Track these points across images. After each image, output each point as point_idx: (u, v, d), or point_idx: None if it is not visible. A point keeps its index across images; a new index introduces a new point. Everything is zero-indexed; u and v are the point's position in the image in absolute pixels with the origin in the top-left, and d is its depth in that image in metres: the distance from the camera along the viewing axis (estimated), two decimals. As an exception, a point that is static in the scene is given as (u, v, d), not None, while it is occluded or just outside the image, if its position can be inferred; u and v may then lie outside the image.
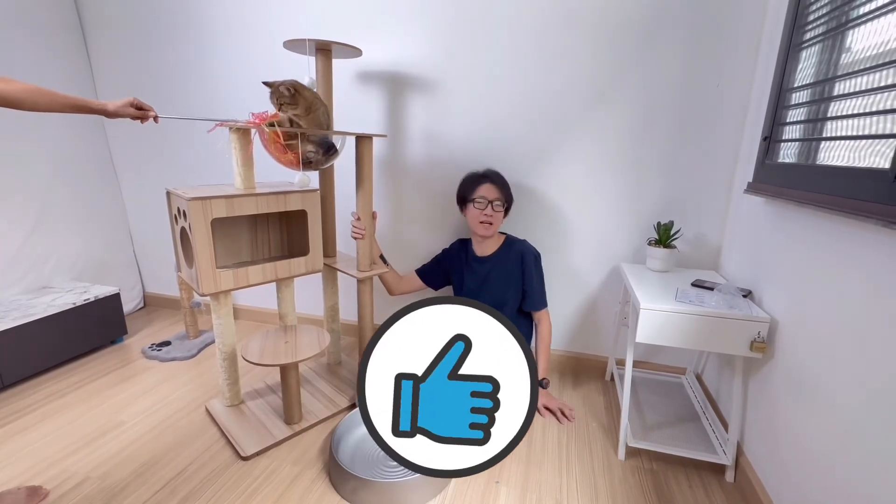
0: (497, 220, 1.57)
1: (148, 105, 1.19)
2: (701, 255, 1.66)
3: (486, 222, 1.56)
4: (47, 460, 1.31)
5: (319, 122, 1.38)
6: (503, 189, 1.59)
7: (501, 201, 1.57)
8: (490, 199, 1.55)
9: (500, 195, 1.57)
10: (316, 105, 1.37)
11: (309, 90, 1.35)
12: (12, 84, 0.98)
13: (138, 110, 1.16)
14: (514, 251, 1.64)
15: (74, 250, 2.12)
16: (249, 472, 1.28)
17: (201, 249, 1.27)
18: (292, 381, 1.42)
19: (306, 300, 2.08)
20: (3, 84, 0.97)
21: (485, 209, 1.55)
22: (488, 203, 1.55)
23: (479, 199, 1.56)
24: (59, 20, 1.99)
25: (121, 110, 1.13)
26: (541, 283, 1.66)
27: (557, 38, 1.58)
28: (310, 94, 1.35)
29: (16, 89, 0.98)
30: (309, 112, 1.35)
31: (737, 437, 1.31)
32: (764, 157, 1.28)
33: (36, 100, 1.01)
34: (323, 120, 1.39)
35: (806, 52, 1.14)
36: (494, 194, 1.56)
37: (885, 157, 0.82)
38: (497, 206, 1.55)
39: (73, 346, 1.87)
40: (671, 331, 1.24)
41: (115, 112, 1.13)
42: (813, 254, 1.06)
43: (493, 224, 1.57)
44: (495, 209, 1.55)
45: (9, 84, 0.98)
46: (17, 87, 0.98)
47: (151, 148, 2.19)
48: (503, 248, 1.66)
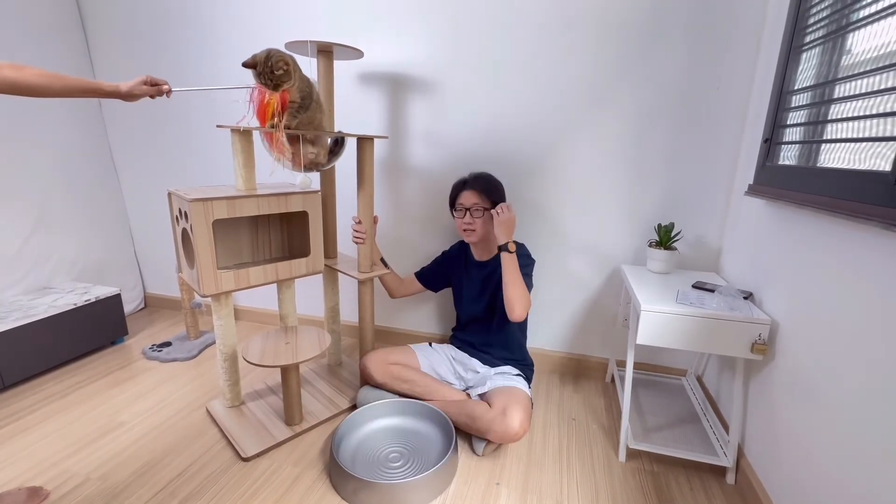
0: (479, 225, 1.52)
1: (161, 79, 1.13)
2: (701, 256, 1.67)
3: (467, 230, 1.54)
4: (48, 461, 1.31)
5: (319, 111, 1.35)
6: (484, 193, 1.53)
7: (480, 207, 1.51)
8: (466, 206, 1.52)
9: (479, 200, 1.51)
10: (308, 89, 1.31)
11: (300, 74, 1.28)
12: (24, 70, 0.94)
13: (152, 87, 1.11)
14: None
15: (75, 251, 2.12)
16: (250, 474, 1.28)
17: (202, 250, 1.27)
18: (293, 382, 1.42)
19: (307, 301, 2.08)
20: (15, 71, 0.93)
21: (463, 217, 1.53)
22: (465, 210, 1.52)
23: (458, 208, 1.55)
24: (61, 20, 2.00)
25: (135, 89, 1.09)
26: (528, 274, 1.49)
27: (558, 39, 1.59)
28: (302, 77, 1.28)
29: (28, 75, 0.94)
30: (304, 96, 1.29)
31: (737, 439, 1.31)
32: (764, 160, 1.28)
33: (49, 84, 0.97)
34: (318, 114, 1.36)
35: (806, 54, 1.15)
36: (472, 200, 1.51)
37: (886, 160, 0.82)
38: (475, 212, 1.51)
39: (74, 346, 1.88)
40: (672, 332, 1.24)
41: (128, 92, 1.08)
42: (813, 256, 1.06)
43: (475, 230, 1.53)
44: (474, 216, 1.51)
45: (21, 71, 0.94)
46: (30, 72, 0.94)
47: (152, 148, 2.20)
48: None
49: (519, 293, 1.40)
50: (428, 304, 2.04)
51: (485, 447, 1.38)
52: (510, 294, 1.40)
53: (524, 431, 1.31)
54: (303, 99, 1.29)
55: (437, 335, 2.06)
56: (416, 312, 2.07)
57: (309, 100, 1.31)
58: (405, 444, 1.38)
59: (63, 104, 2.00)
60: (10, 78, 0.93)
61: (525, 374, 1.56)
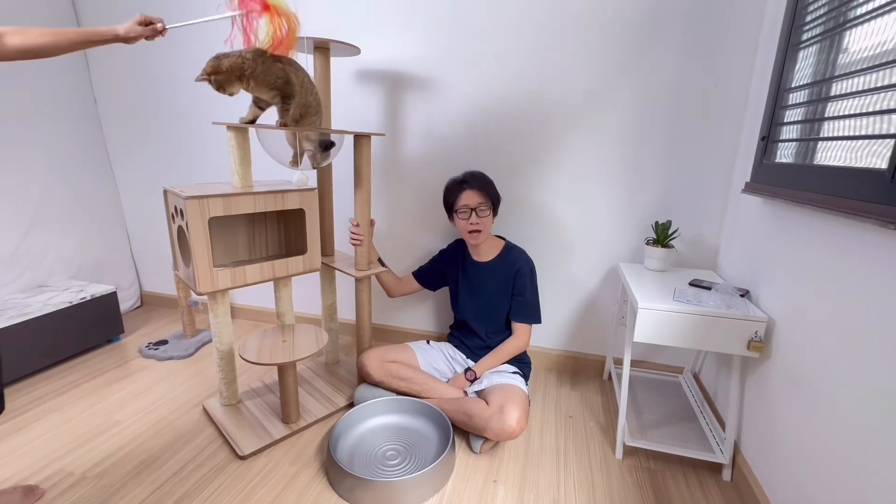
0: (485, 224, 1.50)
1: (156, 17, 1.09)
2: (699, 254, 1.67)
3: (474, 231, 1.51)
4: (43, 460, 1.30)
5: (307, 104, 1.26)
6: (485, 190, 1.50)
7: (486, 205, 1.49)
8: (472, 206, 1.48)
9: (483, 198, 1.49)
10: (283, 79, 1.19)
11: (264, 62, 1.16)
12: (28, 33, 0.89)
13: (146, 26, 1.07)
14: (511, 261, 1.58)
15: (71, 249, 2.11)
16: (247, 472, 1.28)
17: (198, 248, 1.26)
18: (290, 381, 1.42)
19: (304, 299, 2.08)
20: (20, 36, 0.88)
21: (469, 218, 1.50)
22: (471, 211, 1.49)
23: (461, 210, 1.50)
24: (56, 17, 1.98)
25: (132, 31, 1.06)
26: (535, 296, 1.58)
27: (556, 38, 1.58)
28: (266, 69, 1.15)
29: (35, 36, 0.90)
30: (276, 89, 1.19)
31: (734, 436, 1.31)
32: (762, 157, 1.28)
33: (56, 42, 0.93)
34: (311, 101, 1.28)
35: (804, 52, 1.15)
36: (476, 200, 1.48)
37: (882, 158, 0.82)
38: (482, 211, 1.48)
39: (70, 345, 1.87)
40: (669, 330, 1.24)
41: (125, 35, 1.05)
42: (810, 254, 1.06)
43: (481, 231, 1.51)
44: (480, 215, 1.48)
45: (25, 34, 0.89)
46: (34, 33, 0.90)
47: (148, 146, 2.18)
48: (501, 256, 1.60)
49: (513, 351, 1.57)
50: (426, 302, 2.04)
51: (482, 445, 1.38)
52: (507, 355, 1.56)
53: (521, 429, 1.31)
54: (281, 89, 1.20)
55: (435, 333, 2.06)
56: (413, 310, 2.07)
57: (290, 87, 1.22)
58: (402, 441, 1.38)
59: (59, 103, 1.99)
60: (19, 44, 0.89)
61: (522, 372, 1.56)
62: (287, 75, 1.20)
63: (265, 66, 1.16)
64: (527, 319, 1.57)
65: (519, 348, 1.57)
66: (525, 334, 1.58)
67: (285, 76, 1.20)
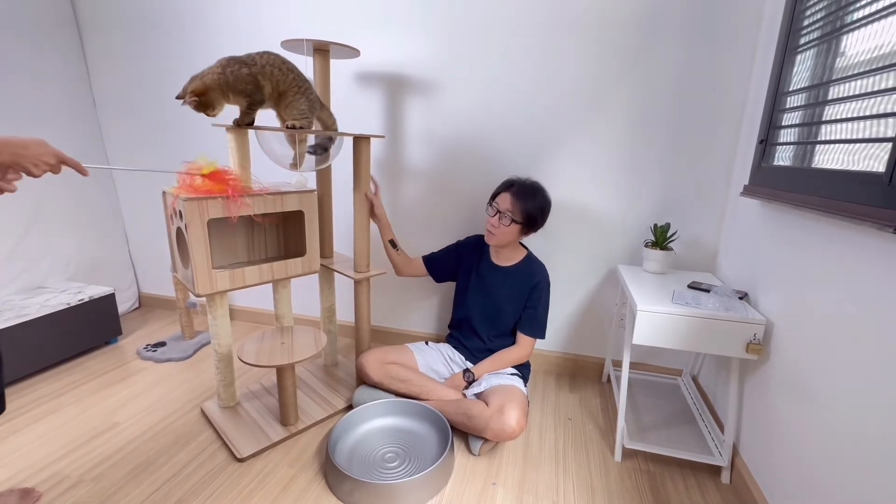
0: (502, 232, 1.48)
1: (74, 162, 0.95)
2: (697, 257, 1.67)
3: (490, 231, 1.51)
4: (41, 462, 1.30)
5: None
6: (521, 202, 1.45)
7: (513, 216, 1.46)
8: (499, 208, 1.48)
9: (514, 208, 1.45)
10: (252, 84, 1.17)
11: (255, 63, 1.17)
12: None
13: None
14: (530, 273, 1.57)
15: (69, 250, 2.11)
16: (245, 474, 1.27)
17: (197, 250, 1.26)
18: (288, 383, 1.42)
19: (303, 301, 2.08)
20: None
21: (492, 217, 1.50)
22: (497, 212, 1.49)
23: (492, 205, 1.51)
24: (55, 19, 1.98)
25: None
26: (545, 312, 1.58)
27: (556, 39, 1.59)
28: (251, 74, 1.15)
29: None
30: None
31: (732, 439, 1.31)
32: (760, 161, 1.29)
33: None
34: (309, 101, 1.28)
35: (801, 56, 1.15)
36: (507, 205, 1.46)
37: (880, 161, 0.83)
38: (504, 218, 1.46)
39: (68, 346, 1.86)
40: (667, 332, 1.24)
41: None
42: (808, 256, 1.07)
43: (494, 235, 1.50)
44: (501, 220, 1.47)
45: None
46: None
47: (147, 147, 2.18)
48: (521, 264, 1.58)
49: (514, 360, 1.58)
50: (425, 303, 2.04)
51: (481, 446, 1.38)
52: (508, 363, 1.58)
53: (521, 429, 1.31)
54: (251, 94, 1.19)
55: (434, 335, 2.06)
56: (412, 312, 2.07)
57: (259, 94, 1.20)
58: (401, 443, 1.38)
59: (58, 104, 1.99)
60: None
61: (521, 374, 1.57)
62: (256, 80, 1.19)
63: (235, 74, 1.16)
64: (534, 333, 1.58)
65: (520, 359, 1.58)
66: (529, 346, 1.59)
67: (254, 81, 1.19)
